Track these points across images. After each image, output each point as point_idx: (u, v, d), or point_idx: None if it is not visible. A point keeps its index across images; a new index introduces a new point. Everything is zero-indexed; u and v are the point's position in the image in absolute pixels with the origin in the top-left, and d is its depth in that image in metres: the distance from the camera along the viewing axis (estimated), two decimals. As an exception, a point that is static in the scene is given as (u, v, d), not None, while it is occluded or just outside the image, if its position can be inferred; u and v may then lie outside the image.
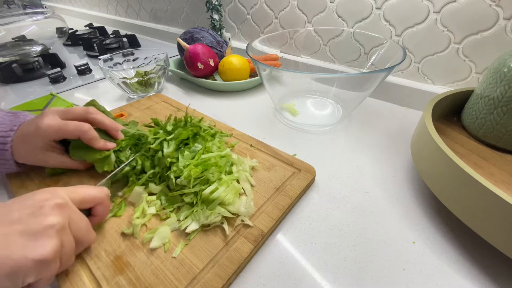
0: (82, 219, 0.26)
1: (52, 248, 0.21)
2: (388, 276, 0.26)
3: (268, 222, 0.30)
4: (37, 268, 0.20)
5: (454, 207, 0.27)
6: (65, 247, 0.23)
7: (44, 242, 0.21)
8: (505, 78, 0.32)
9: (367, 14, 0.54)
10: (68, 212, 0.24)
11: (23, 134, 0.34)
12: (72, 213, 0.24)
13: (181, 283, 0.25)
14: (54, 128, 0.33)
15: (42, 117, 0.33)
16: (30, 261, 0.20)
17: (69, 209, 0.24)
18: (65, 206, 0.24)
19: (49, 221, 0.22)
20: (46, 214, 0.22)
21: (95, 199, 0.28)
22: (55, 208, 0.23)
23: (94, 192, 0.28)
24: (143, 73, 0.59)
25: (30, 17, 0.84)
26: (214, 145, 0.37)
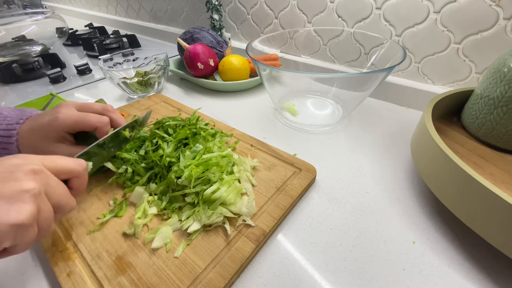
0: (59, 185, 0.24)
1: (27, 213, 0.20)
2: (388, 276, 0.27)
3: (270, 221, 0.30)
4: (12, 233, 0.20)
5: (454, 207, 0.28)
6: (42, 213, 0.22)
7: (19, 207, 0.20)
8: (505, 78, 0.32)
9: (367, 14, 0.54)
10: (45, 178, 0.23)
11: (34, 125, 0.34)
12: (48, 179, 0.23)
13: (183, 283, 0.25)
14: (74, 118, 0.33)
15: (59, 108, 0.34)
16: (6, 226, 0.19)
17: (45, 175, 0.23)
18: (40, 172, 0.23)
19: (24, 186, 0.21)
20: (20, 179, 0.21)
21: (71, 171, 0.26)
22: (29, 174, 0.22)
23: (71, 164, 0.26)
24: (143, 73, 0.59)
25: (30, 17, 0.84)
26: (215, 145, 0.37)
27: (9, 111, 0.35)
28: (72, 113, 0.33)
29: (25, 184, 0.21)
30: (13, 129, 0.33)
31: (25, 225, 0.20)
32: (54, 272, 0.27)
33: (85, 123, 0.34)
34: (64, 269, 0.27)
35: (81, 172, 0.27)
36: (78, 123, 0.33)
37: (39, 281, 0.28)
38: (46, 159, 0.25)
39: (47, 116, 0.34)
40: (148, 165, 0.36)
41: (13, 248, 0.21)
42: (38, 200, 0.22)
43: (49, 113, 0.34)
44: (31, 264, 0.29)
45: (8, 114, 0.35)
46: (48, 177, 0.23)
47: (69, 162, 0.26)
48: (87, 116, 0.34)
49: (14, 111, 0.36)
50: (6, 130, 0.33)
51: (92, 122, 0.34)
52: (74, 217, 0.32)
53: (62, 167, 0.26)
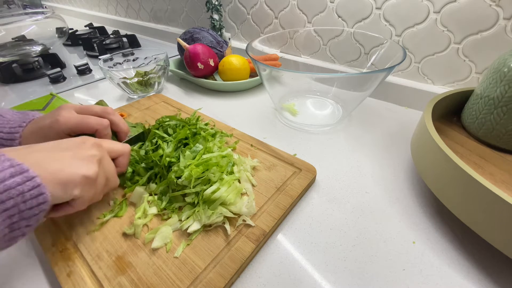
0: (110, 162, 0.30)
1: (95, 170, 0.26)
2: (388, 276, 0.27)
3: (270, 221, 0.30)
4: (83, 183, 0.25)
5: (454, 207, 0.28)
6: (99, 178, 0.28)
7: (89, 165, 0.26)
8: (505, 78, 0.32)
9: (367, 14, 0.54)
10: (102, 152, 0.29)
11: (35, 128, 0.34)
12: (104, 154, 0.29)
13: (183, 283, 0.25)
14: (74, 121, 0.34)
15: (59, 110, 0.34)
16: (79, 176, 0.25)
17: (102, 149, 0.29)
18: (100, 146, 0.29)
19: (91, 152, 0.27)
20: (88, 147, 0.28)
21: (120, 151, 0.32)
22: (94, 145, 0.28)
23: (120, 145, 0.33)
24: (143, 73, 0.59)
25: (30, 17, 0.84)
26: (215, 145, 0.37)
27: (12, 114, 0.36)
28: (72, 116, 0.34)
29: (92, 151, 0.28)
30: (16, 132, 0.34)
31: (92, 179, 0.26)
32: (54, 272, 0.27)
33: (85, 125, 0.34)
34: (64, 269, 0.27)
35: (126, 152, 0.33)
36: (78, 126, 0.34)
37: (39, 281, 0.28)
38: (102, 140, 0.31)
39: (48, 118, 0.34)
40: (148, 165, 0.36)
41: (77, 201, 0.26)
42: (99, 165, 0.28)
43: (50, 115, 0.34)
44: (31, 264, 0.29)
45: (11, 118, 0.35)
46: (104, 152, 0.30)
47: (118, 144, 0.33)
48: (87, 119, 0.34)
49: (17, 114, 0.36)
50: (10, 133, 0.34)
51: (92, 124, 0.34)
52: (74, 217, 0.32)
53: (114, 146, 0.32)
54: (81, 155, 0.26)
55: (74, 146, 0.27)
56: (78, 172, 0.25)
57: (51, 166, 0.24)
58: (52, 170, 0.24)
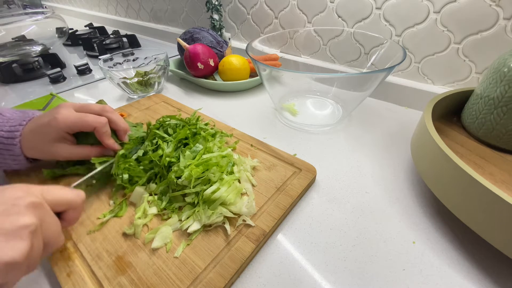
0: (54, 222, 0.24)
1: (23, 251, 0.19)
2: (388, 276, 0.27)
3: (270, 221, 0.30)
4: (5, 271, 0.19)
5: (454, 207, 0.28)
6: (34, 251, 0.21)
7: (15, 244, 0.19)
8: (505, 78, 0.32)
9: (367, 14, 0.54)
10: (42, 213, 0.22)
11: (35, 127, 0.34)
12: (45, 215, 0.23)
13: (183, 283, 0.25)
14: (72, 119, 0.33)
15: (59, 109, 0.34)
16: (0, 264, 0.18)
17: (43, 210, 0.22)
18: (40, 206, 0.22)
19: (23, 221, 0.20)
20: (20, 213, 0.20)
21: (69, 203, 0.26)
22: (29, 207, 0.21)
23: (71, 196, 0.26)
24: (143, 73, 0.59)
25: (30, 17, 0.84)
26: (215, 145, 0.37)
27: (12, 113, 0.36)
28: (71, 114, 0.34)
29: (25, 219, 0.20)
30: (16, 130, 0.34)
31: (18, 264, 0.19)
32: (54, 272, 0.27)
33: (83, 123, 0.34)
34: (64, 269, 0.27)
35: (79, 204, 0.27)
36: (76, 124, 0.34)
37: (39, 281, 0.28)
38: (46, 190, 0.24)
39: (47, 117, 0.34)
40: (146, 167, 0.36)
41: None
42: (33, 237, 0.21)
43: (49, 114, 0.34)
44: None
45: (11, 116, 0.35)
46: (45, 212, 0.23)
47: (69, 193, 0.26)
48: (85, 117, 0.34)
49: (17, 112, 0.36)
50: (10, 132, 0.34)
51: (90, 122, 0.34)
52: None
53: (61, 199, 0.25)
54: (7, 227, 0.19)
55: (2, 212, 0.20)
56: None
57: None
58: None
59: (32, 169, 0.38)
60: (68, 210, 0.26)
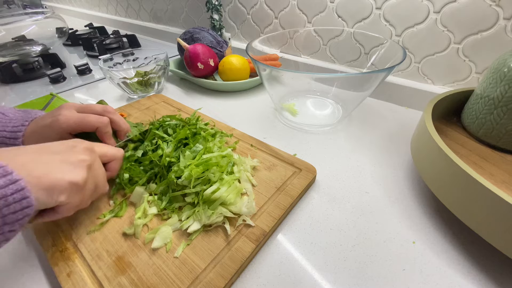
0: (101, 167, 0.30)
1: (83, 176, 0.25)
2: (388, 276, 0.27)
3: (270, 221, 0.30)
4: (69, 189, 0.24)
5: (454, 207, 0.28)
6: (88, 184, 0.27)
7: (78, 170, 0.25)
8: (505, 78, 0.32)
9: (367, 14, 0.54)
10: (94, 157, 0.28)
11: (37, 127, 0.34)
12: (96, 159, 0.29)
13: (183, 283, 0.25)
14: (74, 119, 0.34)
15: (60, 110, 0.35)
16: (66, 182, 0.24)
17: (94, 155, 0.29)
18: (92, 151, 0.28)
19: (81, 156, 0.26)
20: (79, 151, 0.27)
21: (113, 155, 0.32)
22: (85, 150, 0.28)
23: (114, 150, 0.33)
24: (143, 73, 0.59)
25: (30, 17, 0.84)
26: (215, 145, 0.37)
27: (14, 113, 0.36)
28: (73, 115, 0.34)
29: (82, 155, 0.27)
30: (19, 131, 0.34)
31: (79, 186, 0.25)
32: (54, 272, 0.27)
33: (85, 123, 0.34)
34: (64, 269, 0.27)
35: (119, 157, 0.33)
36: (78, 124, 0.34)
37: (39, 281, 0.28)
38: (95, 144, 0.30)
39: (49, 118, 0.34)
40: (146, 167, 0.36)
41: (63, 207, 0.25)
42: (89, 171, 0.27)
43: (51, 115, 0.34)
44: (31, 264, 0.29)
45: (14, 117, 0.35)
46: (96, 157, 0.29)
47: (112, 148, 0.33)
48: (87, 117, 0.34)
49: (19, 112, 0.36)
50: (13, 132, 0.34)
51: (92, 123, 0.34)
52: (74, 217, 0.32)
53: (107, 151, 0.31)
54: (71, 159, 0.26)
55: (64, 150, 0.26)
56: (65, 178, 0.24)
57: (37, 170, 0.23)
58: (38, 173, 0.22)
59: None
60: (111, 162, 0.32)
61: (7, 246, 0.31)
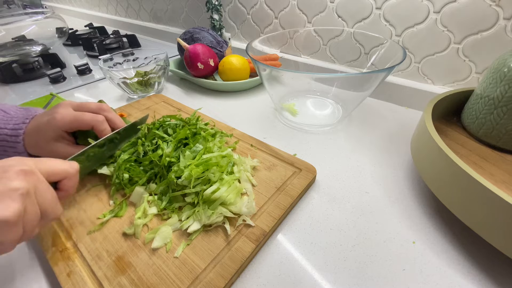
0: (48, 190, 0.25)
1: (14, 210, 0.21)
2: (388, 276, 0.27)
3: (270, 221, 0.30)
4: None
5: (454, 207, 0.28)
6: (28, 215, 0.22)
7: (6, 204, 0.21)
8: (505, 78, 0.32)
9: (367, 14, 0.54)
10: (34, 180, 0.23)
11: (36, 125, 0.35)
12: (38, 182, 0.24)
13: (183, 283, 0.25)
14: (69, 118, 0.34)
15: (57, 108, 0.35)
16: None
17: (35, 177, 0.24)
18: (31, 173, 0.23)
19: (13, 184, 0.22)
20: (11, 178, 0.22)
21: (63, 173, 0.27)
22: (20, 174, 0.22)
23: (63, 166, 0.27)
24: (143, 73, 0.59)
25: (30, 17, 0.84)
26: (215, 145, 0.37)
27: (15, 110, 0.36)
28: (69, 113, 0.34)
29: (14, 183, 0.22)
30: (20, 128, 0.35)
31: (10, 222, 0.20)
32: (54, 272, 0.27)
33: (81, 121, 0.35)
34: (64, 269, 0.27)
35: (73, 173, 0.28)
36: (74, 122, 0.34)
37: (39, 281, 0.28)
38: (39, 161, 0.25)
39: (46, 116, 0.35)
40: (146, 167, 0.36)
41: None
42: (26, 200, 0.22)
43: (48, 112, 0.35)
44: (31, 264, 0.29)
45: (15, 114, 0.36)
46: (38, 180, 0.24)
47: (61, 163, 0.27)
48: (83, 115, 0.35)
49: (20, 110, 0.37)
50: (14, 130, 0.34)
51: (87, 121, 0.35)
52: (74, 217, 0.32)
53: (55, 168, 0.26)
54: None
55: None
56: None
57: None
58: None
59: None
60: (63, 180, 0.27)
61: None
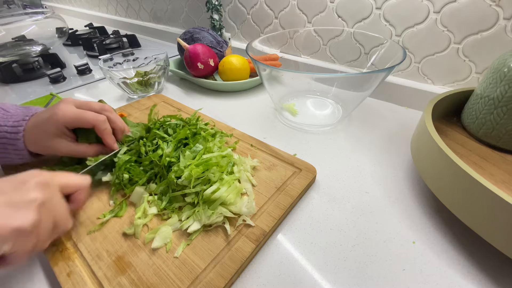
0: (61, 203, 0.26)
1: (31, 220, 0.22)
2: (388, 276, 0.27)
3: (270, 221, 0.30)
4: (14, 237, 0.21)
5: (454, 207, 0.28)
6: (42, 225, 0.24)
7: (24, 213, 0.22)
8: (505, 78, 0.32)
9: (367, 14, 0.54)
10: (50, 192, 0.25)
11: (37, 121, 0.35)
12: (53, 195, 0.25)
13: (183, 283, 0.25)
14: (72, 114, 0.34)
15: (59, 104, 0.35)
16: (9, 229, 0.21)
17: (51, 190, 0.25)
18: (47, 186, 0.25)
19: (31, 195, 0.23)
20: (29, 189, 0.23)
21: (77, 186, 0.29)
22: (38, 186, 0.24)
23: (77, 179, 0.29)
24: (143, 73, 0.59)
25: (30, 17, 0.84)
26: (215, 145, 0.37)
27: (15, 109, 0.37)
28: (71, 110, 0.35)
29: (32, 194, 0.23)
30: (19, 125, 0.35)
31: (27, 231, 0.22)
32: (54, 272, 0.27)
33: (82, 119, 0.35)
34: (64, 269, 0.27)
35: (85, 186, 0.30)
36: (75, 120, 0.35)
37: (39, 281, 0.28)
38: (55, 175, 0.27)
39: (48, 112, 0.35)
40: (146, 167, 0.36)
41: (11, 256, 0.22)
42: (41, 211, 0.23)
43: (50, 109, 0.35)
44: (31, 264, 0.29)
45: (15, 112, 0.36)
46: (53, 193, 0.25)
47: (75, 177, 0.29)
48: (85, 113, 0.35)
49: (20, 108, 0.37)
50: (13, 127, 0.35)
51: (89, 119, 0.35)
52: (74, 217, 0.32)
53: (69, 181, 0.28)
54: (17, 200, 0.22)
55: (12, 189, 0.23)
56: (7, 224, 0.21)
57: None
58: None
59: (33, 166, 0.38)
60: (75, 193, 0.29)
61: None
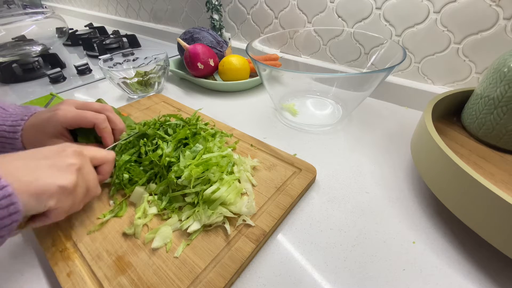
0: (92, 171, 0.30)
1: (72, 180, 0.26)
2: (388, 276, 0.27)
3: (270, 221, 0.30)
4: (58, 194, 0.24)
5: (454, 207, 0.28)
6: (78, 188, 0.27)
7: (67, 174, 0.26)
8: (505, 78, 0.32)
9: (367, 14, 0.54)
10: (83, 160, 0.28)
11: (36, 121, 0.35)
12: (86, 162, 0.29)
13: (183, 283, 0.25)
14: (72, 114, 0.35)
15: (59, 105, 0.35)
16: (55, 187, 0.24)
17: (84, 158, 0.29)
18: (81, 154, 0.29)
19: (70, 160, 0.27)
20: (67, 155, 0.27)
21: (103, 158, 0.32)
22: (74, 153, 0.28)
23: (104, 153, 0.32)
24: (143, 73, 0.59)
25: (30, 17, 0.84)
26: (215, 145, 0.37)
27: (15, 108, 0.37)
28: (71, 110, 0.35)
29: (71, 159, 0.27)
30: (18, 125, 0.35)
31: (69, 190, 0.25)
32: (54, 272, 0.27)
33: (82, 119, 0.35)
34: (64, 269, 0.27)
35: (111, 160, 0.33)
36: (75, 119, 0.35)
37: (39, 281, 0.28)
38: (85, 147, 0.30)
39: (47, 112, 0.35)
40: (146, 167, 0.36)
41: (53, 212, 0.25)
42: (78, 175, 0.27)
43: (50, 109, 0.35)
44: (31, 264, 0.29)
45: (14, 111, 0.36)
46: (86, 161, 0.29)
47: (102, 151, 0.32)
48: (85, 113, 0.35)
49: (19, 108, 0.37)
50: (12, 126, 0.35)
51: (89, 119, 0.35)
52: (74, 217, 0.32)
53: (97, 154, 0.31)
54: (59, 164, 0.26)
55: (53, 155, 0.26)
56: (53, 182, 0.24)
57: (25, 176, 0.23)
58: (26, 179, 0.23)
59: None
60: (102, 165, 0.32)
61: (6, 246, 0.31)
